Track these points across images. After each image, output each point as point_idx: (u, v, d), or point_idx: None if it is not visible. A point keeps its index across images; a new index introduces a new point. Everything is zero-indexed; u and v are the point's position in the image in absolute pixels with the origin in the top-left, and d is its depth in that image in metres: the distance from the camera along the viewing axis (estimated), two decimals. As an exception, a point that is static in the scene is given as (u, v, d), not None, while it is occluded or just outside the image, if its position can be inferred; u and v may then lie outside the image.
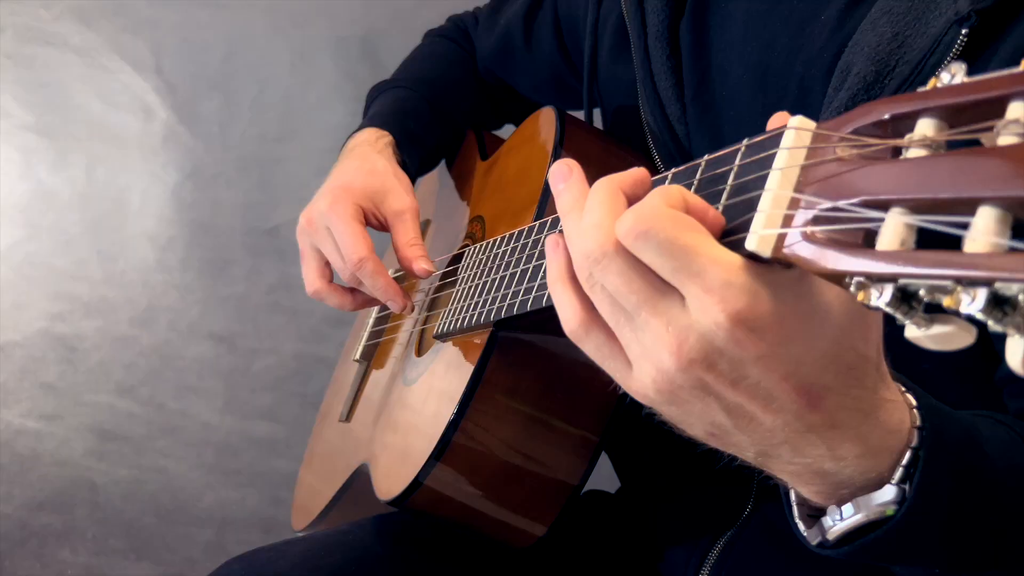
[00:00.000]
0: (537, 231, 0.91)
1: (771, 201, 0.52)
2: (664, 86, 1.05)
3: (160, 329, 2.43)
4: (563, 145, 1.07)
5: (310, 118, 2.48)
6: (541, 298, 0.83)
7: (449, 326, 1.07)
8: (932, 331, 0.43)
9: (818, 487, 0.64)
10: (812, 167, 0.50)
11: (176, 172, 2.45)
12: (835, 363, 0.57)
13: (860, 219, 0.45)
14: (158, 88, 2.45)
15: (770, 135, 0.55)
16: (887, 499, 0.63)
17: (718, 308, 0.54)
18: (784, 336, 0.55)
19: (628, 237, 0.55)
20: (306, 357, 2.44)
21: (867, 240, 0.46)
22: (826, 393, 0.58)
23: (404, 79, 1.44)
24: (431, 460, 1.00)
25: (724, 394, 0.58)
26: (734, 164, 0.57)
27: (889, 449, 0.63)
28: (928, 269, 0.41)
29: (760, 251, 0.52)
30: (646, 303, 0.57)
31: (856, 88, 0.80)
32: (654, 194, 0.56)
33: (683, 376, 0.58)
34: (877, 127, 0.47)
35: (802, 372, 0.57)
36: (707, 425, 0.62)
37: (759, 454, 0.63)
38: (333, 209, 1.14)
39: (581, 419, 1.02)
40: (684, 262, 0.54)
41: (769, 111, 0.92)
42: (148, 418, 2.40)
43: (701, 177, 0.61)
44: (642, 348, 0.59)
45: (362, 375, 1.40)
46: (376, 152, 1.26)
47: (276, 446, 2.42)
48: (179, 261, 2.45)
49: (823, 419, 0.59)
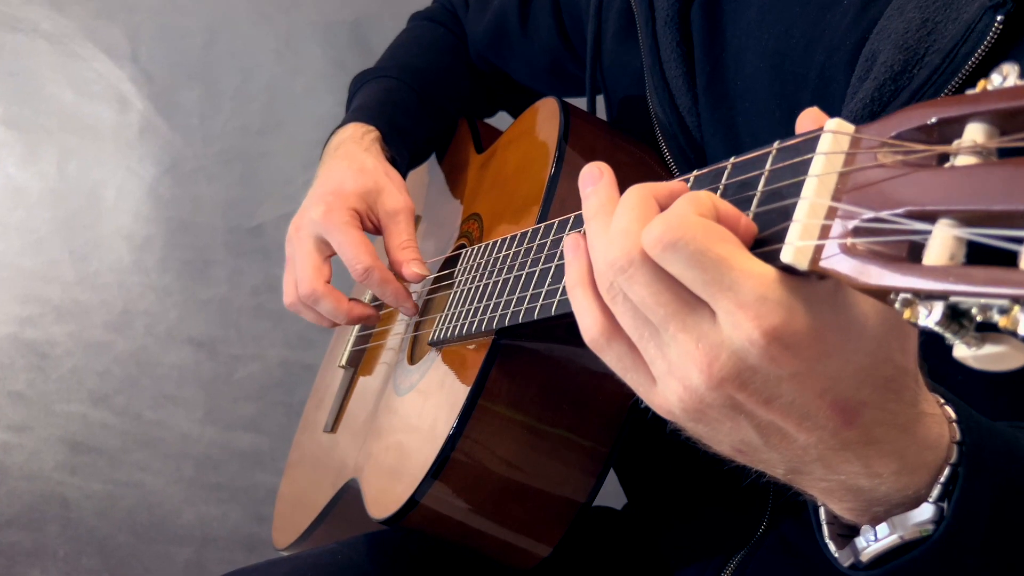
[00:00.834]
0: (543, 234, 0.90)
1: (807, 210, 0.51)
2: (674, 75, 1.04)
3: (136, 334, 2.42)
4: (567, 139, 1.07)
5: (296, 109, 2.48)
6: (550, 306, 0.83)
7: (445, 333, 1.07)
8: (983, 351, 0.43)
9: (851, 504, 0.65)
10: (851, 174, 0.50)
11: (153, 167, 2.45)
12: (872, 377, 0.57)
13: (904, 231, 0.45)
14: (134, 77, 2.44)
15: (804, 138, 0.54)
16: (924, 518, 0.63)
17: (752, 324, 0.54)
18: (820, 352, 0.55)
19: (656, 247, 0.55)
20: (292, 364, 2.44)
21: (912, 254, 0.46)
22: (863, 409, 0.58)
23: (390, 67, 1.43)
24: (428, 478, 0.99)
25: (756, 412, 0.58)
26: (764, 169, 0.57)
27: (927, 465, 0.63)
28: (983, 287, 0.40)
29: (796, 264, 0.51)
30: (674, 317, 0.57)
31: (883, 78, 0.80)
32: (682, 201, 0.56)
33: (713, 395, 0.58)
34: (922, 132, 0.46)
35: (838, 388, 0.57)
36: (736, 442, 0.62)
37: (790, 471, 0.63)
38: (328, 218, 1.14)
39: (589, 431, 1.01)
40: (716, 275, 0.54)
41: (787, 102, 0.93)
42: (123, 429, 2.40)
43: (728, 182, 0.61)
44: (668, 364, 0.59)
45: (348, 383, 1.40)
46: (363, 149, 1.26)
47: (260, 459, 2.41)
48: (157, 261, 2.44)
49: (859, 435, 0.59)
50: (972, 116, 0.44)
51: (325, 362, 1.59)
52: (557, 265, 0.84)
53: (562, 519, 1.03)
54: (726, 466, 0.67)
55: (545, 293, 0.84)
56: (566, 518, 1.03)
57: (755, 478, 0.67)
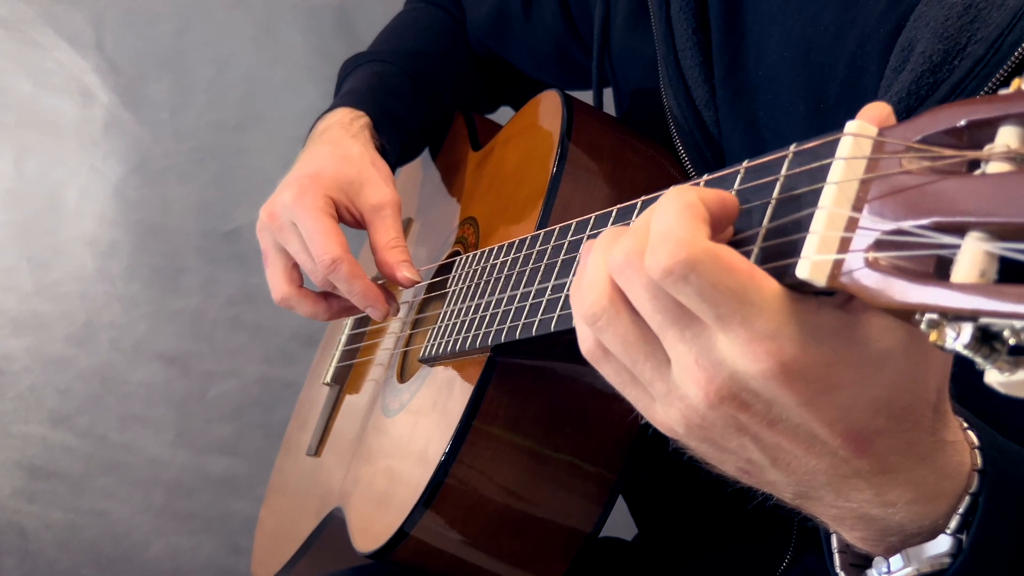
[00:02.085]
0: (542, 241, 0.90)
1: (825, 221, 0.51)
2: (690, 64, 1.04)
3: (101, 349, 2.43)
4: (571, 136, 1.07)
5: (276, 102, 2.48)
6: (549, 321, 0.83)
7: (437, 348, 1.07)
8: (1017, 377, 0.43)
9: (863, 533, 0.65)
10: (873, 181, 0.50)
11: (120, 165, 2.45)
12: (888, 406, 0.58)
13: (931, 244, 0.45)
14: (99, 67, 2.44)
15: (822, 141, 0.54)
16: (941, 551, 0.64)
17: (761, 356, 0.54)
18: (832, 384, 0.55)
19: (667, 280, 0.54)
20: (272, 382, 2.44)
21: (939, 269, 0.46)
22: (876, 438, 0.58)
23: (383, 51, 1.44)
24: (418, 507, 1.00)
25: (761, 433, 0.59)
26: (780, 174, 0.57)
27: (945, 494, 0.63)
28: (1017, 307, 0.40)
29: (813, 279, 0.51)
30: (673, 324, 0.57)
31: (920, 69, 0.80)
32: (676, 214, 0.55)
33: (714, 413, 0.58)
34: (950, 135, 0.46)
35: (850, 418, 0.57)
36: (741, 462, 0.63)
37: (798, 495, 0.64)
38: (299, 201, 1.12)
39: (595, 456, 1.02)
40: (727, 309, 0.54)
41: (813, 95, 0.93)
42: (87, 452, 2.40)
43: (739, 188, 0.61)
44: (666, 384, 0.60)
45: (333, 402, 1.40)
46: (350, 136, 1.25)
47: (236, 485, 2.41)
48: (123, 269, 2.44)
49: (872, 465, 0.59)
50: (1006, 119, 0.44)
51: (309, 379, 1.59)
52: (556, 278, 0.84)
53: (566, 552, 1.03)
54: (730, 487, 0.67)
55: (545, 306, 0.84)
56: (570, 551, 1.03)
57: (763, 502, 0.67)
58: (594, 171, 1.07)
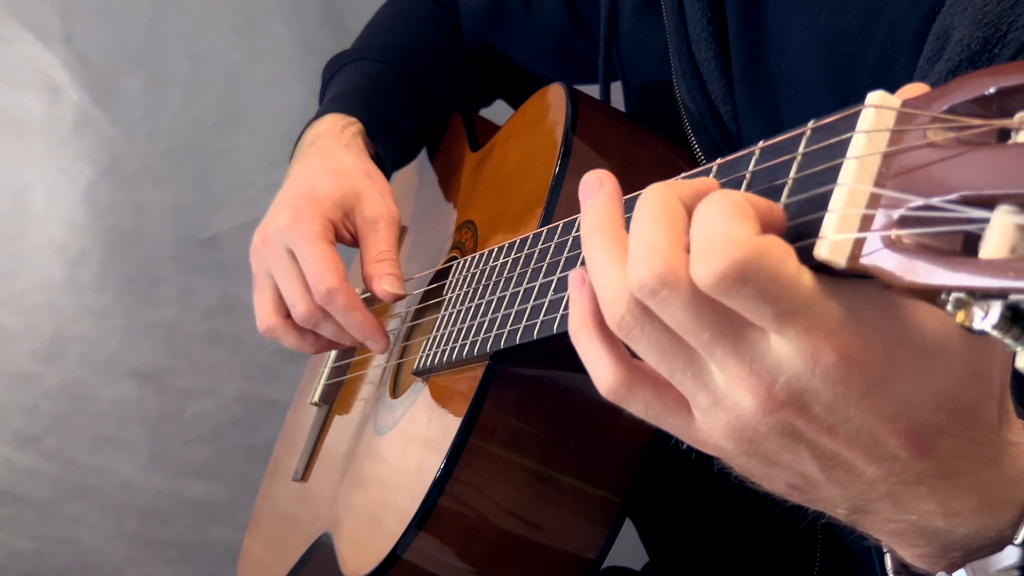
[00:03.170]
0: (544, 239, 0.90)
1: (845, 198, 0.51)
2: (705, 56, 1.04)
3: (70, 364, 2.43)
4: (576, 132, 1.08)
5: (258, 99, 2.48)
6: (552, 323, 0.83)
7: (432, 359, 1.07)
8: None
9: (923, 549, 0.65)
10: (896, 155, 0.50)
11: (90, 167, 2.45)
12: (950, 400, 0.58)
13: (959, 219, 0.45)
14: (67, 62, 2.44)
15: (842, 116, 0.55)
16: (1010, 563, 0.64)
17: (820, 344, 0.54)
18: (892, 371, 0.56)
19: (721, 286, 0.53)
20: (253, 400, 2.45)
21: (967, 246, 0.46)
22: (939, 437, 0.59)
23: (371, 48, 1.44)
24: (411, 529, 1.00)
25: (818, 441, 0.59)
26: (797, 152, 0.57)
27: (1012, 502, 0.63)
28: (1051, 284, 0.40)
29: (832, 261, 0.51)
30: (721, 340, 0.57)
31: (959, 58, 0.79)
32: (723, 215, 0.54)
33: (769, 421, 0.58)
34: (978, 104, 0.47)
35: (911, 412, 0.57)
36: (793, 477, 0.63)
37: (853, 510, 0.64)
38: (295, 227, 1.14)
39: (601, 475, 1.02)
40: (788, 305, 0.54)
41: (841, 87, 0.93)
42: (55, 476, 2.40)
43: (755, 169, 0.61)
44: (713, 395, 0.60)
45: (322, 422, 1.40)
46: (342, 146, 1.26)
47: (216, 511, 2.41)
48: (94, 279, 2.45)
49: (935, 468, 0.60)
50: (1039, 84, 0.45)
51: (297, 399, 1.60)
52: (560, 274, 0.84)
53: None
54: (779, 506, 0.67)
55: (547, 307, 0.85)
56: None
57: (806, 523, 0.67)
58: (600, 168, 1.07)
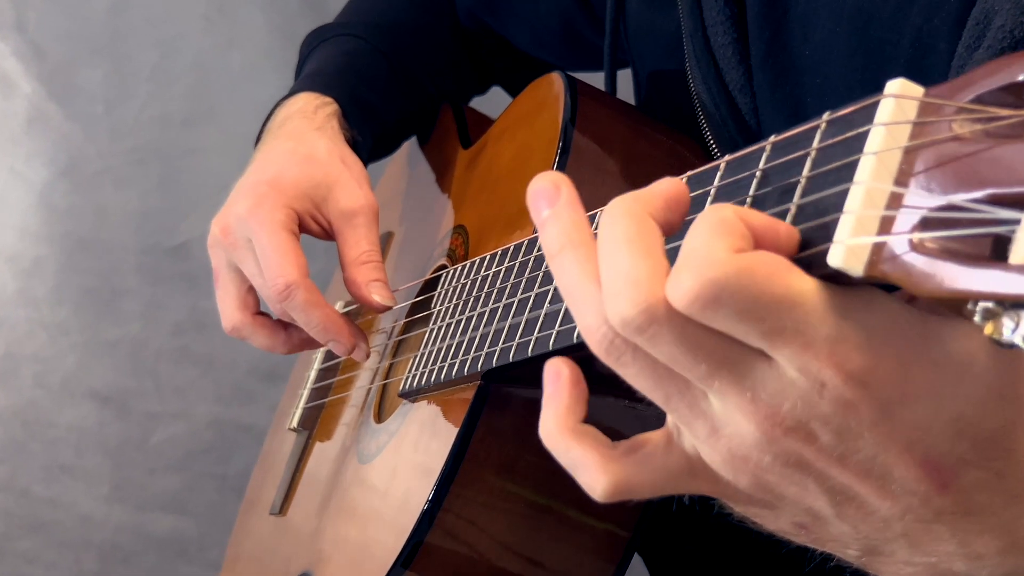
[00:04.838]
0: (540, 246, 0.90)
1: (862, 198, 0.51)
2: (721, 42, 1.05)
3: (23, 385, 2.43)
4: (576, 125, 1.08)
5: (232, 93, 2.49)
6: (547, 339, 0.83)
7: (420, 380, 1.07)
8: None
9: None
10: (919, 150, 0.50)
11: (45, 168, 2.46)
12: (974, 427, 0.57)
13: (987, 221, 0.45)
14: (20, 52, 2.45)
15: (859, 107, 0.55)
16: None
17: (824, 365, 0.54)
18: (906, 393, 0.55)
19: (694, 306, 0.54)
20: (226, 424, 2.45)
21: (997, 250, 0.46)
22: (961, 469, 0.58)
23: (353, 23, 1.45)
24: (396, 568, 1.00)
25: (827, 473, 0.59)
26: (811, 148, 0.57)
27: None
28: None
29: (848, 268, 0.51)
30: (718, 370, 0.57)
31: (1000, 46, 0.80)
32: (704, 233, 0.54)
33: (774, 450, 0.58)
34: (1009, 93, 0.47)
35: (929, 441, 0.57)
36: (799, 514, 0.63)
37: (865, 551, 0.63)
38: (254, 214, 1.13)
39: (606, 507, 1.01)
40: (775, 323, 0.54)
41: (872, 77, 0.93)
42: (6, 509, 2.40)
43: (766, 167, 0.61)
44: (710, 424, 0.60)
45: (301, 450, 1.40)
46: (314, 128, 1.26)
47: (184, 548, 2.41)
48: (49, 291, 2.45)
49: (955, 503, 0.59)
50: (1077, 70, 0.45)
51: (274, 425, 1.60)
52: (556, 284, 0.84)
53: (572, 621, 1.03)
54: (784, 548, 0.67)
55: (542, 320, 0.85)
56: (576, 619, 1.03)
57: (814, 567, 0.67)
58: (603, 166, 1.07)
